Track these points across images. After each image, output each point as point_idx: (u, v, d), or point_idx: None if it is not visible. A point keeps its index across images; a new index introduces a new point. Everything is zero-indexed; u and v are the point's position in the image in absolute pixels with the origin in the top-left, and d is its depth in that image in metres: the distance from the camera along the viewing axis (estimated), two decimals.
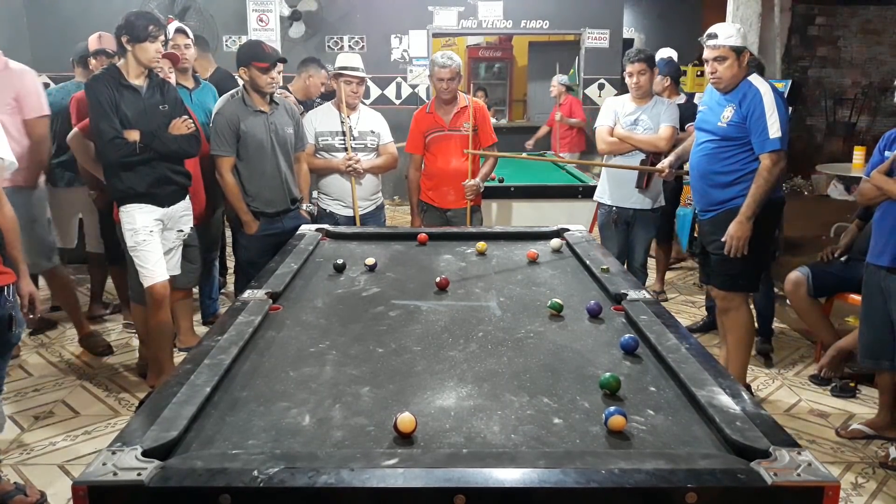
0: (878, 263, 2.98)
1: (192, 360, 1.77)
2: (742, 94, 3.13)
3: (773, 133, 3.05)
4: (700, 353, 1.82)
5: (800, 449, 1.35)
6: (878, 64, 9.49)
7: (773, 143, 3.06)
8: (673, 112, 4.05)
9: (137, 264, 3.33)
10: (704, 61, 3.22)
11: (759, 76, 3.20)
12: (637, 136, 4.04)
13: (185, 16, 7.42)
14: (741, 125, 3.13)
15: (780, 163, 3.09)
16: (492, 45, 11.26)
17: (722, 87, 3.19)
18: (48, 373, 3.85)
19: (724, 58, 3.11)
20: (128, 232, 3.29)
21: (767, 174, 3.08)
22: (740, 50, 3.11)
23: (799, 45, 9.37)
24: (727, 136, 3.18)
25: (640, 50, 4.10)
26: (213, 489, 1.24)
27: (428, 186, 4.17)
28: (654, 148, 4.00)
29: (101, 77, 3.20)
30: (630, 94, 4.14)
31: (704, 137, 3.30)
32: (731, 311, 3.39)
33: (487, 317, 2.23)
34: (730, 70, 3.12)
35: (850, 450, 3.10)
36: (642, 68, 3.98)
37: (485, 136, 4.12)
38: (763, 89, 3.09)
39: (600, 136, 4.17)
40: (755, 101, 3.08)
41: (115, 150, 3.13)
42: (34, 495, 2.67)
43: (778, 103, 3.07)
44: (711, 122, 3.24)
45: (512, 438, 1.48)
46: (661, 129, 4.00)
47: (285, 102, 3.82)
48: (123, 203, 3.28)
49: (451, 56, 3.98)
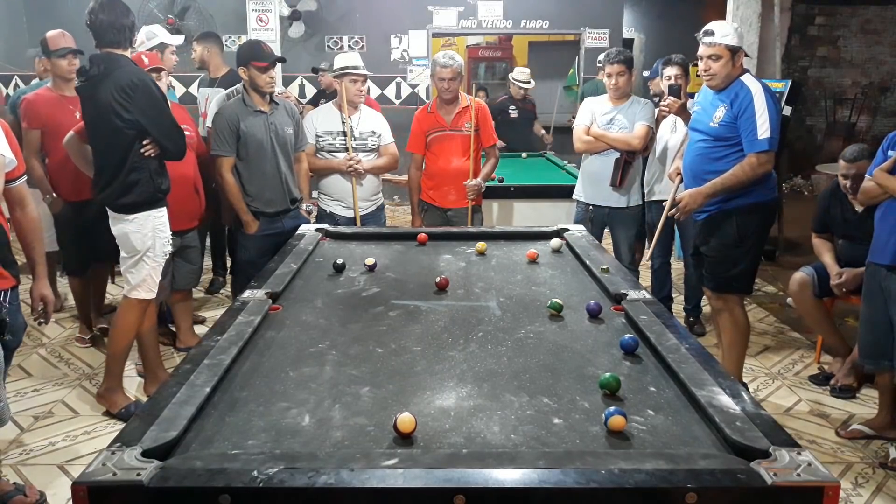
0: (878, 262, 2.98)
1: (191, 361, 1.77)
2: (734, 93, 3.13)
3: (761, 133, 3.04)
4: (700, 354, 1.82)
5: (800, 449, 1.35)
6: (878, 64, 9.50)
7: (761, 143, 3.05)
8: (648, 111, 4.07)
9: (151, 275, 3.17)
10: (699, 58, 3.21)
11: (752, 76, 3.20)
12: (611, 134, 4.08)
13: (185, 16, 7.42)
14: (732, 125, 3.12)
15: (767, 164, 3.09)
16: (492, 45, 11.24)
17: (714, 85, 3.19)
18: (48, 373, 3.84)
19: (719, 56, 3.12)
20: (162, 240, 3.16)
21: (749, 169, 3.08)
22: (735, 49, 3.12)
23: (799, 44, 9.38)
24: (719, 136, 3.18)
25: (619, 51, 4.14)
26: (213, 489, 1.24)
27: (429, 186, 4.17)
28: (628, 146, 4.03)
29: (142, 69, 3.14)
30: (608, 95, 4.18)
31: (697, 137, 3.30)
32: (724, 312, 3.41)
33: (487, 317, 2.23)
34: (724, 68, 3.13)
35: (849, 450, 3.10)
36: (621, 69, 4.03)
37: (486, 136, 4.13)
38: (755, 89, 3.09)
39: (576, 134, 4.21)
40: (746, 100, 3.08)
41: (185, 146, 3.16)
42: (33, 496, 2.67)
43: (769, 104, 3.06)
44: (704, 122, 3.25)
45: (512, 438, 1.48)
46: (636, 127, 4.03)
47: (285, 102, 3.83)
48: (155, 206, 3.12)
49: (452, 56, 3.99)
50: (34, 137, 3.77)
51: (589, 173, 4.22)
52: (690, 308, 4.52)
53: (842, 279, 3.55)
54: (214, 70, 4.93)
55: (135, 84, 2.96)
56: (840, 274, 3.57)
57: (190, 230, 3.84)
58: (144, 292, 3.21)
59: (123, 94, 2.95)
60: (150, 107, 3.00)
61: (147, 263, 3.16)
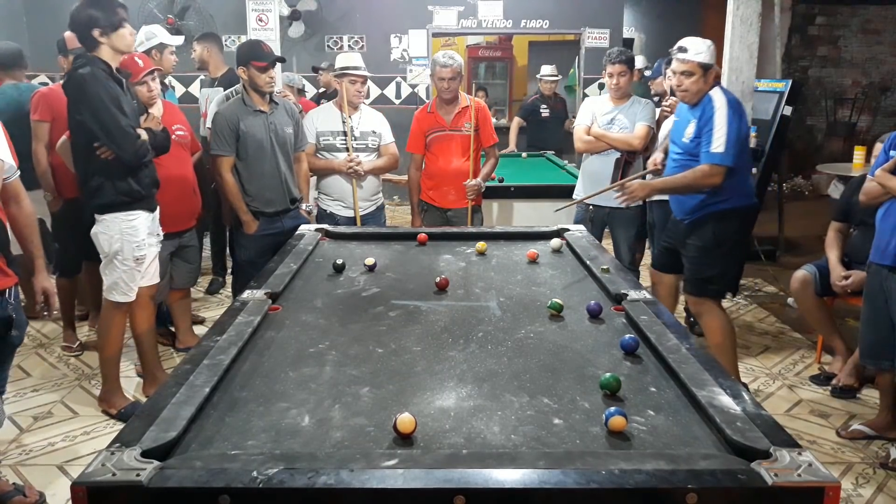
0: (880, 263, 2.98)
1: (191, 361, 1.76)
2: (703, 108, 3.23)
3: (715, 147, 3.13)
4: (700, 354, 1.82)
5: (800, 449, 1.34)
6: (879, 63, 9.49)
7: (712, 156, 3.14)
8: (649, 111, 4.08)
9: (124, 280, 3.14)
10: (672, 73, 3.32)
11: (722, 90, 3.27)
12: (612, 134, 4.09)
13: (185, 15, 7.42)
14: (699, 139, 3.22)
15: (716, 177, 3.15)
16: (492, 45, 11.23)
17: (687, 100, 3.30)
18: (47, 373, 3.84)
19: (692, 73, 3.21)
20: (130, 244, 3.10)
21: (700, 175, 3.17)
22: (708, 66, 3.21)
23: (799, 44, 9.38)
24: (690, 151, 3.28)
25: (620, 51, 4.14)
26: (213, 490, 1.23)
27: (429, 186, 4.17)
28: (628, 146, 4.04)
29: (96, 72, 2.93)
30: (609, 94, 4.18)
31: (674, 150, 3.43)
32: (704, 315, 3.46)
33: (487, 317, 2.23)
34: (696, 85, 3.22)
35: (850, 450, 3.10)
36: (622, 69, 4.04)
37: (486, 136, 4.12)
38: (719, 104, 3.17)
39: (577, 135, 4.22)
40: (709, 114, 3.18)
41: (140, 151, 2.97)
42: (33, 496, 2.66)
43: (731, 120, 3.13)
44: (679, 135, 3.37)
45: (512, 439, 1.48)
46: (637, 127, 4.04)
47: (285, 102, 3.82)
48: (122, 209, 3.08)
49: (452, 56, 3.98)
50: (43, 129, 3.78)
51: (589, 173, 4.22)
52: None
53: (848, 281, 3.55)
54: (213, 70, 4.93)
55: (79, 84, 2.91)
56: (847, 276, 3.56)
57: (188, 230, 3.84)
58: (119, 295, 3.18)
59: (72, 94, 2.96)
60: (94, 109, 2.91)
61: (117, 266, 3.13)
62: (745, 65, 5.15)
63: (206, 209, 4.05)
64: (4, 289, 2.40)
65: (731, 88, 5.11)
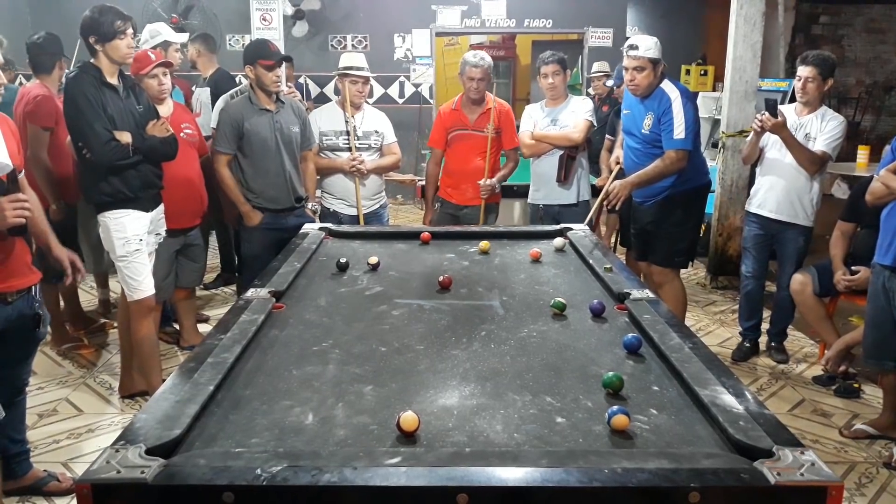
0: (882, 263, 2.97)
1: (195, 359, 1.77)
2: (657, 100, 3.55)
3: (677, 134, 3.49)
4: (703, 353, 1.82)
5: (803, 449, 1.34)
6: (883, 63, 9.45)
7: (675, 142, 3.50)
8: (587, 106, 4.17)
9: (127, 276, 3.18)
10: (624, 69, 3.60)
11: (671, 82, 3.59)
12: (552, 133, 4.15)
13: (189, 15, 7.42)
14: (658, 129, 3.55)
15: (681, 161, 3.52)
16: (495, 44, 11.24)
17: (639, 94, 3.59)
18: (52, 371, 3.85)
19: (643, 68, 3.51)
20: (118, 241, 3.12)
21: (669, 163, 3.51)
22: (656, 61, 3.52)
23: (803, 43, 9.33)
24: (649, 140, 3.62)
25: (553, 53, 4.17)
26: (217, 487, 1.24)
27: (447, 183, 4.25)
28: (569, 142, 4.11)
29: (81, 76, 3.00)
30: (545, 98, 4.24)
31: (631, 141, 3.74)
32: (665, 284, 3.82)
33: (490, 316, 2.23)
34: (646, 79, 3.53)
35: (853, 450, 3.10)
36: (556, 69, 4.10)
37: (508, 138, 4.17)
38: (673, 96, 3.52)
39: (522, 141, 4.26)
40: (666, 104, 3.52)
41: (111, 153, 2.98)
42: (66, 481, 2.74)
43: (686, 108, 3.50)
44: (636, 126, 3.67)
45: (515, 437, 1.48)
46: (576, 122, 4.10)
47: (292, 101, 3.83)
48: (110, 209, 3.11)
49: (483, 56, 4.06)
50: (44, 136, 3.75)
51: (539, 174, 4.28)
52: (774, 333, 4.10)
53: (856, 276, 3.58)
54: (202, 69, 4.96)
55: (65, 87, 3.04)
56: (855, 271, 3.58)
57: (193, 228, 3.84)
58: (132, 292, 3.23)
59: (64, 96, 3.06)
60: (71, 109, 2.99)
61: (118, 265, 3.20)
62: (748, 64, 5.15)
63: (211, 209, 4.05)
64: (31, 286, 2.44)
65: (735, 87, 5.13)
